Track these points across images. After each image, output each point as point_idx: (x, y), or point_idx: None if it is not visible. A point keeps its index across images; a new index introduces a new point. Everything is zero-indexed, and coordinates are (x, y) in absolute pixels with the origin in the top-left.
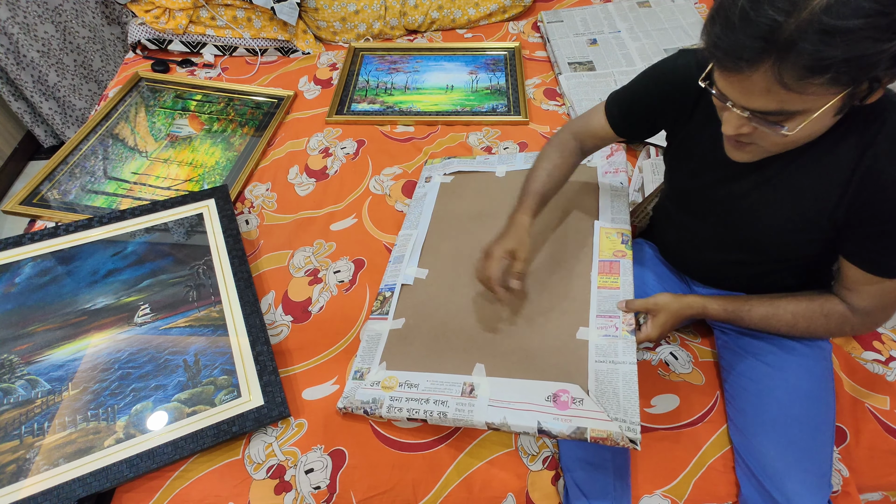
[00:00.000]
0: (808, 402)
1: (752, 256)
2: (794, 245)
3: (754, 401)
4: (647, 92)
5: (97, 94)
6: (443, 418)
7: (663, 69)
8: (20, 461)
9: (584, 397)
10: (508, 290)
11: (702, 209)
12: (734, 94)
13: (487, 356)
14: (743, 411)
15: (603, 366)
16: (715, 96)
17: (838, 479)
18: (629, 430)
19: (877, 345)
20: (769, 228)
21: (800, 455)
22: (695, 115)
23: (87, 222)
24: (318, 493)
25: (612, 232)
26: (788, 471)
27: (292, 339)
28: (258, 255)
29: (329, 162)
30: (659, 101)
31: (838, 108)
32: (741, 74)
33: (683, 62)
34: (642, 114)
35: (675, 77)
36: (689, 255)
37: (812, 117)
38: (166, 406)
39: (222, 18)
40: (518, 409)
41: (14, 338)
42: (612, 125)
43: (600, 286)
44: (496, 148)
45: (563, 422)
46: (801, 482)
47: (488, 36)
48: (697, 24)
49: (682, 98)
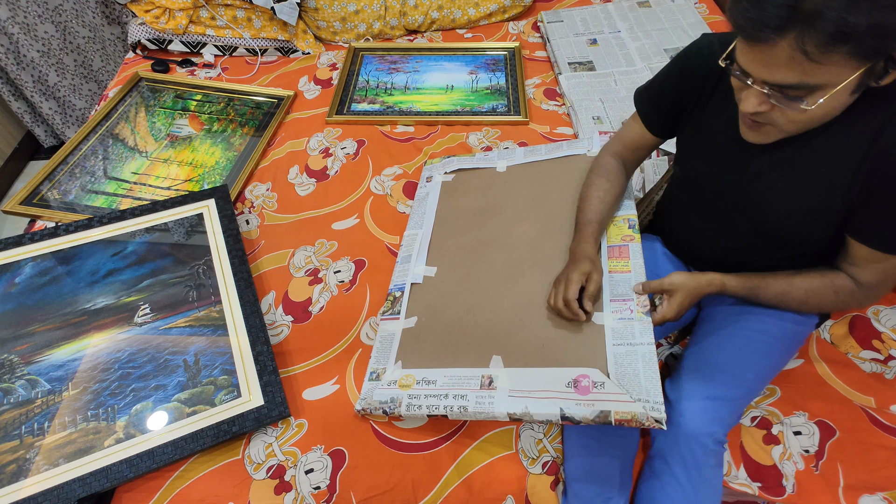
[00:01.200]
0: (748, 350)
1: (762, 242)
2: (805, 230)
3: (699, 339)
4: (671, 76)
5: (97, 94)
6: (463, 412)
7: (686, 52)
8: (20, 461)
9: (604, 381)
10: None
11: (714, 194)
12: (756, 67)
13: (503, 348)
14: (691, 338)
15: (621, 349)
16: (736, 76)
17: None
18: (653, 410)
19: (876, 344)
20: (782, 212)
21: (702, 382)
22: (713, 98)
23: (87, 222)
24: (318, 494)
25: (617, 219)
26: (686, 392)
27: (292, 339)
28: (258, 255)
29: (329, 162)
30: (682, 83)
31: (856, 85)
32: (765, 44)
33: (706, 43)
34: (671, 98)
35: (698, 58)
36: (697, 243)
37: (831, 93)
38: (166, 406)
39: (222, 18)
40: (539, 398)
41: (14, 338)
42: (646, 121)
43: (611, 270)
44: (496, 148)
45: (586, 406)
46: (692, 403)
47: (488, 36)
48: (698, 24)
49: (703, 78)
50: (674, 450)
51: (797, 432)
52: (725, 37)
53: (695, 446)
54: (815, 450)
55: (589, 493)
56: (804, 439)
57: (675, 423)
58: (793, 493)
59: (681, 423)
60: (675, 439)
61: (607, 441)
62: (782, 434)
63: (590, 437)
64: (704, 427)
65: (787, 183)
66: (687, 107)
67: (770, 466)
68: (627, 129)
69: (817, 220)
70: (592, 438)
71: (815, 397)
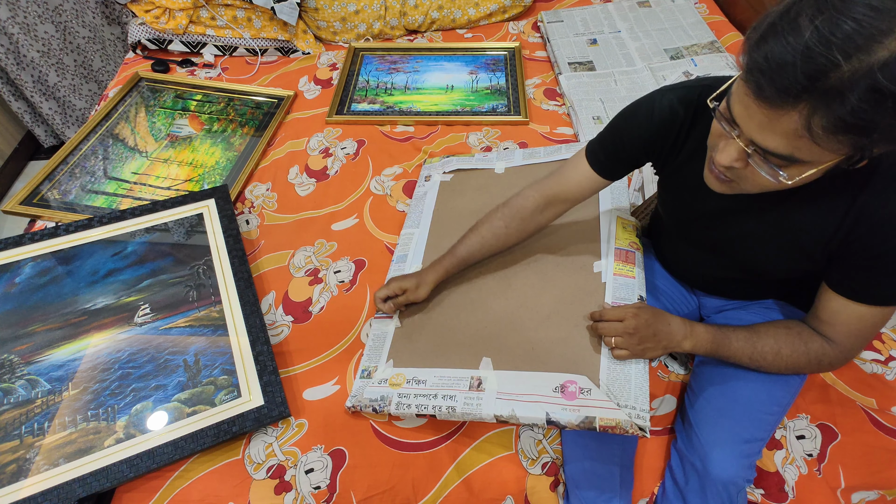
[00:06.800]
0: (759, 387)
1: (750, 276)
2: (791, 269)
3: (705, 380)
4: (632, 133)
5: (97, 94)
6: (451, 413)
7: (649, 108)
8: (20, 461)
9: (591, 387)
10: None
11: (697, 237)
12: (750, 125)
13: (494, 350)
14: (691, 388)
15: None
16: (723, 121)
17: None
18: (638, 418)
19: (877, 344)
20: (762, 257)
21: (732, 429)
22: (684, 149)
23: (87, 222)
24: (318, 493)
25: (628, 224)
26: (715, 439)
27: (293, 339)
28: (258, 255)
29: (329, 162)
30: (647, 140)
31: (832, 167)
32: (773, 109)
33: (667, 102)
34: (631, 152)
35: (662, 115)
36: (688, 268)
37: (811, 171)
38: (166, 406)
39: (222, 18)
40: (526, 402)
41: (14, 338)
42: (598, 170)
43: (616, 273)
44: (496, 148)
45: (572, 412)
46: (724, 452)
47: (488, 36)
48: (698, 24)
49: (672, 135)
50: (710, 491)
51: (800, 436)
52: (684, 93)
53: (731, 489)
54: (817, 453)
55: (590, 496)
56: (807, 443)
57: (709, 471)
58: (794, 499)
59: (713, 471)
60: (712, 485)
61: (606, 442)
62: (785, 439)
63: (589, 438)
64: (741, 472)
65: (768, 234)
66: (655, 160)
67: (773, 473)
68: (570, 176)
69: (800, 264)
70: (592, 440)
71: (816, 400)
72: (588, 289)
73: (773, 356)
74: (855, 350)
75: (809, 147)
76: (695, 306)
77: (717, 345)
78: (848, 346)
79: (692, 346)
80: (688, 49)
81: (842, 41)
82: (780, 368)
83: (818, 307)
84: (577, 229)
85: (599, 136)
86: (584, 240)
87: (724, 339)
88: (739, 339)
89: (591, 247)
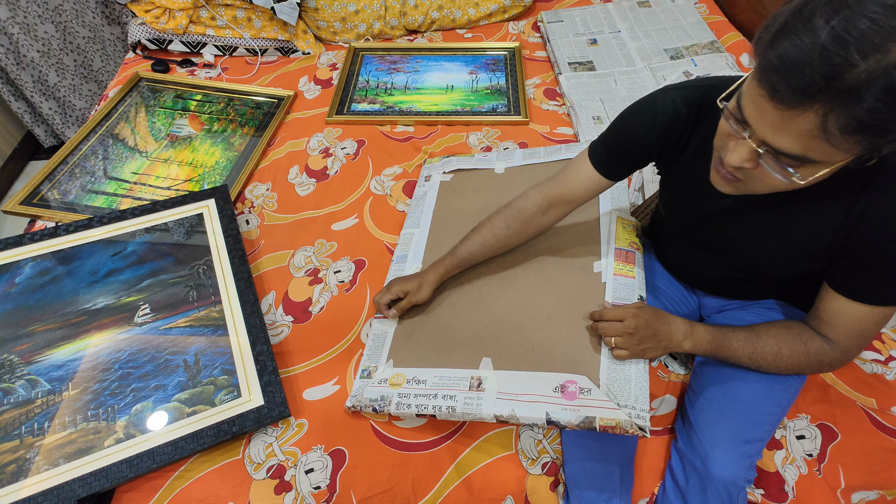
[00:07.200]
0: (759, 388)
1: (751, 276)
2: (793, 268)
3: (705, 380)
4: (635, 133)
5: (97, 94)
6: (451, 413)
7: (651, 108)
8: (20, 461)
9: (591, 387)
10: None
11: (698, 237)
12: (763, 125)
13: (494, 350)
14: (692, 388)
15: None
16: (733, 121)
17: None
18: (638, 418)
19: (877, 344)
20: (765, 258)
21: (732, 429)
22: (687, 149)
23: (87, 222)
24: (318, 493)
25: (628, 223)
26: (715, 440)
27: (293, 339)
28: (258, 255)
29: (329, 162)
30: (650, 141)
31: (843, 166)
32: (787, 110)
33: (670, 101)
34: (634, 153)
35: (665, 116)
36: (688, 268)
37: (823, 171)
38: (166, 406)
39: (222, 18)
40: (526, 402)
41: (14, 338)
42: (601, 171)
43: (616, 273)
44: (496, 148)
45: (572, 412)
46: (725, 452)
47: (488, 36)
48: (698, 24)
49: (675, 135)
50: (710, 491)
51: (800, 436)
52: (687, 92)
53: (732, 490)
54: (817, 453)
55: (590, 496)
56: (807, 443)
57: (709, 471)
58: (794, 499)
59: (714, 472)
60: (713, 485)
61: (606, 442)
62: (785, 439)
63: (589, 438)
64: (741, 473)
65: (772, 233)
66: (658, 160)
67: (773, 473)
68: (572, 177)
69: (802, 263)
70: (591, 440)
71: (817, 400)
72: (588, 289)
73: (773, 356)
74: (855, 350)
75: (823, 147)
76: (695, 306)
77: (717, 345)
78: (848, 346)
79: (692, 346)
80: (688, 49)
81: (858, 40)
82: (781, 369)
83: (819, 307)
84: (578, 229)
85: (602, 137)
86: (584, 240)
87: (724, 339)
88: (739, 339)
89: (592, 247)
